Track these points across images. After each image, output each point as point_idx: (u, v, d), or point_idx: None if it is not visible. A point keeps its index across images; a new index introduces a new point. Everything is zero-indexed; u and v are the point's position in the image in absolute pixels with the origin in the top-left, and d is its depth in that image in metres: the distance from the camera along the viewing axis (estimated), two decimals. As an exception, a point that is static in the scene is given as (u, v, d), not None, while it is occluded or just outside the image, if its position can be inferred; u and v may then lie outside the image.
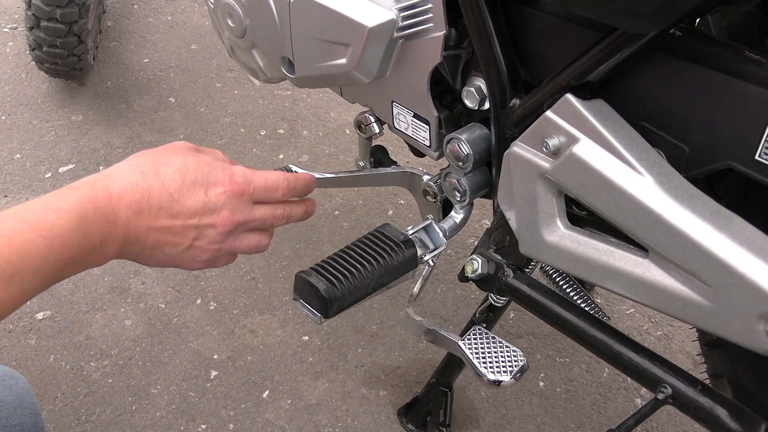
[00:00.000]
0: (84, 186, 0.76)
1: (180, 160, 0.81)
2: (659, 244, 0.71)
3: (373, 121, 1.12)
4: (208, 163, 0.83)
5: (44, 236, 0.70)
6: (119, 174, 0.78)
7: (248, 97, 2.10)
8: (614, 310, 1.60)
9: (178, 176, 0.80)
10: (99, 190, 0.76)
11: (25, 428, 0.97)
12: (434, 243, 0.99)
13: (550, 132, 0.79)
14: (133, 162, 0.81)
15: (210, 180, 0.83)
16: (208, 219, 0.83)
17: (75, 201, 0.74)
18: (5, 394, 0.99)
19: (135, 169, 0.79)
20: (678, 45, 0.73)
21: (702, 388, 0.77)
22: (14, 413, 0.97)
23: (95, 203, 0.75)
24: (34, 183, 1.80)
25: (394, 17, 0.89)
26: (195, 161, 0.82)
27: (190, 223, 0.82)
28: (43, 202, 0.73)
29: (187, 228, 0.82)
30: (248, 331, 1.52)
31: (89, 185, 0.76)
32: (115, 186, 0.77)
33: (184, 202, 0.80)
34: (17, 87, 2.08)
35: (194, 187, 0.81)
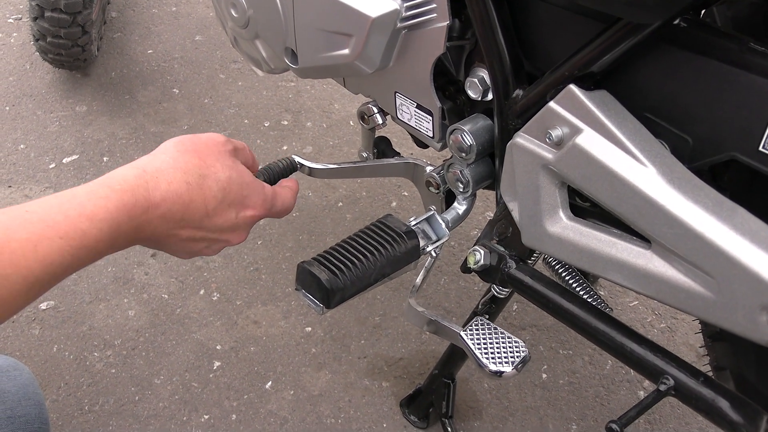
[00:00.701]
0: (127, 190, 0.72)
1: (226, 175, 0.80)
2: (662, 235, 0.71)
3: (377, 112, 1.12)
4: (249, 185, 0.84)
5: (73, 246, 0.67)
6: (165, 179, 0.75)
7: (252, 89, 2.10)
8: (617, 303, 1.60)
9: (221, 195, 0.80)
10: (140, 198, 0.73)
11: (29, 419, 0.98)
12: (437, 234, 0.99)
13: (553, 123, 0.79)
14: (182, 163, 0.78)
15: (246, 203, 0.84)
16: (228, 236, 0.84)
17: (112, 208, 0.71)
18: (9, 385, 0.99)
19: (182, 177, 0.76)
20: (682, 36, 0.73)
21: (704, 380, 0.76)
22: (19, 404, 0.98)
23: (131, 213, 0.72)
24: (38, 173, 1.80)
25: (398, 7, 0.89)
26: (238, 180, 0.82)
27: (212, 236, 0.83)
28: (80, 205, 0.69)
29: (206, 239, 0.82)
30: (251, 322, 1.52)
31: (131, 191, 0.73)
32: (157, 193, 0.74)
33: (215, 221, 0.81)
34: (21, 78, 2.08)
35: (230, 207, 0.82)
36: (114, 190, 0.71)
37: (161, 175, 0.75)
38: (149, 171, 0.75)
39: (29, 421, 0.98)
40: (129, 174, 0.74)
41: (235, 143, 0.87)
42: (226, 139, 0.84)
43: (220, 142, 0.83)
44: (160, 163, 0.76)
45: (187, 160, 0.78)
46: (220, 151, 0.82)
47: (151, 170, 0.75)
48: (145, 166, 0.75)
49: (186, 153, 0.79)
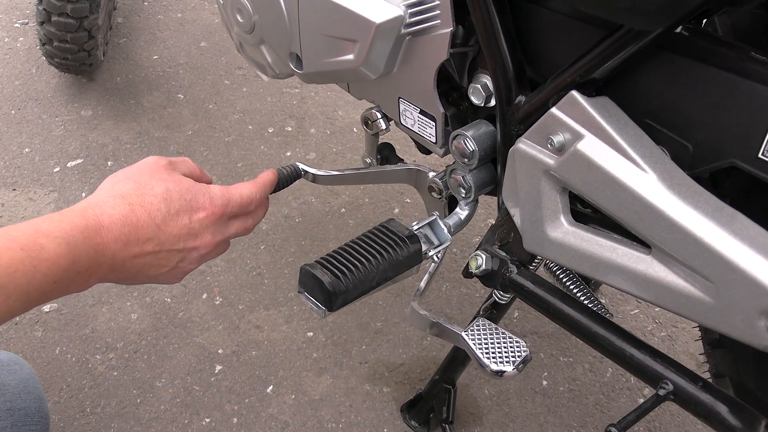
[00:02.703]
0: (75, 213, 0.77)
1: (162, 187, 0.84)
2: (662, 240, 0.72)
3: (380, 118, 1.13)
4: (189, 189, 0.86)
5: (33, 257, 0.71)
6: (108, 205, 0.80)
7: (256, 95, 2.11)
8: (618, 311, 1.61)
9: (164, 206, 0.83)
10: (90, 219, 0.77)
11: (29, 412, 0.98)
12: (439, 239, 0.99)
13: (555, 129, 0.79)
14: (117, 191, 0.82)
15: (193, 206, 0.86)
16: (192, 243, 0.86)
17: (66, 227, 0.75)
18: (10, 378, 1.00)
19: (122, 201, 0.81)
20: (683, 43, 0.74)
21: (703, 385, 0.77)
22: (18, 397, 0.98)
23: (85, 232, 0.76)
24: (42, 177, 1.81)
25: (402, 13, 0.90)
26: (177, 188, 0.85)
27: (175, 248, 0.85)
28: (34, 225, 0.74)
29: (172, 253, 0.84)
30: (253, 327, 1.52)
31: (80, 213, 0.77)
32: (105, 217, 0.78)
33: (170, 231, 0.83)
34: (27, 82, 2.10)
35: (179, 215, 0.84)
36: (64, 214, 0.76)
37: (104, 204, 0.80)
38: (92, 203, 0.80)
39: (29, 414, 0.99)
40: (75, 207, 0.79)
41: (172, 159, 0.90)
42: (158, 157, 0.88)
43: (152, 161, 0.87)
44: (101, 195, 0.81)
45: (123, 186, 0.82)
46: (153, 170, 0.85)
47: (94, 202, 0.80)
48: (87, 200, 0.80)
49: (120, 182, 0.83)
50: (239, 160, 1.89)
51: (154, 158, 0.88)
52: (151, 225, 0.81)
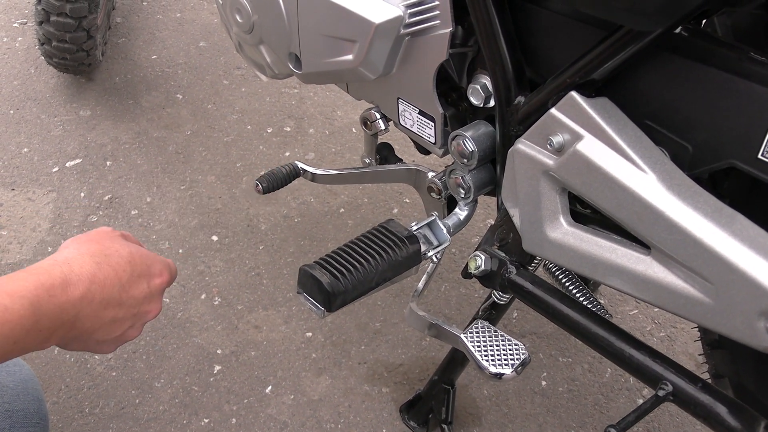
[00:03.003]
0: (42, 272, 0.77)
1: (127, 250, 0.86)
2: (661, 241, 0.72)
3: (379, 118, 1.13)
4: (148, 255, 0.89)
5: None
6: (76, 262, 0.80)
7: (255, 95, 2.11)
8: (617, 311, 1.60)
9: (128, 267, 0.84)
10: (56, 278, 0.77)
11: (28, 414, 0.98)
12: (438, 239, 0.99)
13: (554, 129, 0.79)
14: (84, 249, 0.83)
15: (151, 272, 0.88)
16: (147, 307, 0.88)
17: (31, 287, 0.74)
18: (8, 380, 0.99)
19: (90, 259, 0.81)
20: (683, 44, 0.74)
21: (702, 386, 0.77)
22: (17, 398, 0.98)
23: (51, 291, 0.76)
24: (41, 177, 1.81)
25: (401, 14, 0.90)
26: (139, 252, 0.87)
27: (133, 311, 0.86)
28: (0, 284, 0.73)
29: (128, 316, 0.86)
30: (252, 327, 1.52)
31: (47, 272, 0.77)
32: (73, 275, 0.79)
33: (131, 293, 0.85)
34: (26, 82, 2.09)
35: (140, 278, 0.86)
36: (31, 274, 0.76)
37: (72, 261, 0.80)
38: (60, 260, 0.80)
39: (27, 416, 0.98)
40: (43, 263, 0.79)
41: (121, 232, 0.92)
42: (111, 228, 0.90)
43: (109, 230, 0.89)
44: (67, 253, 0.82)
45: (89, 246, 0.84)
46: (112, 236, 0.88)
47: (62, 259, 0.80)
48: (55, 257, 0.81)
49: (85, 243, 0.85)
50: (238, 160, 1.89)
51: (109, 228, 0.90)
52: (116, 285, 0.82)
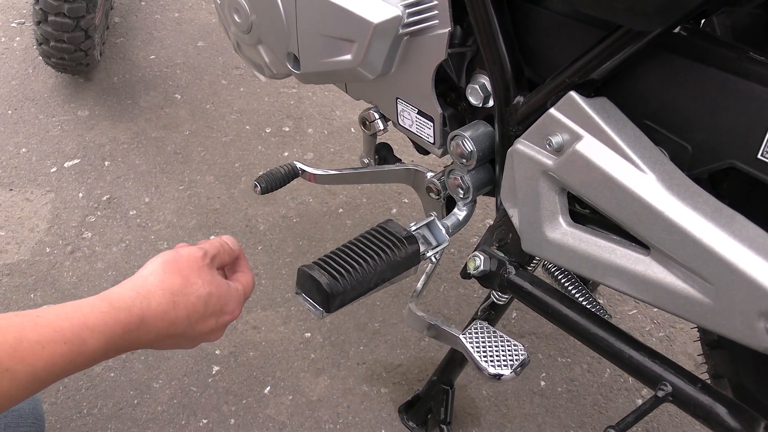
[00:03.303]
0: (123, 309, 0.81)
1: (207, 290, 0.90)
2: (661, 241, 0.72)
3: (378, 118, 1.13)
4: (225, 294, 0.92)
5: (73, 351, 0.76)
6: (155, 299, 0.84)
7: (254, 95, 2.11)
8: (616, 311, 1.60)
9: (202, 308, 0.89)
10: (134, 316, 0.82)
11: (23, 414, 0.98)
12: (437, 239, 0.99)
13: (553, 129, 0.79)
14: (168, 284, 0.87)
15: (224, 310, 0.92)
16: (208, 337, 0.92)
17: (111, 323, 0.79)
18: None
19: (169, 297, 0.86)
20: (682, 44, 0.73)
21: (702, 386, 0.77)
22: None
23: (126, 328, 0.81)
24: (39, 177, 1.81)
25: (400, 14, 0.90)
26: (217, 293, 0.91)
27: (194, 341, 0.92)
28: (83, 316, 0.78)
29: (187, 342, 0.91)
30: (251, 327, 1.52)
31: (128, 310, 0.82)
32: (149, 313, 0.83)
33: (198, 328, 0.89)
34: (24, 82, 2.09)
35: (210, 317, 0.90)
36: (113, 307, 0.81)
37: (152, 297, 0.84)
38: (142, 293, 0.84)
39: (22, 415, 0.98)
40: (126, 294, 0.83)
41: (211, 253, 0.94)
42: (203, 253, 0.92)
43: (198, 258, 0.91)
44: (150, 285, 0.86)
45: (173, 280, 0.87)
46: (200, 267, 0.91)
47: (144, 292, 0.84)
48: (138, 288, 0.85)
49: (171, 274, 0.88)
50: (237, 161, 1.89)
51: (200, 253, 0.92)
52: (186, 323, 0.87)
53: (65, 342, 0.75)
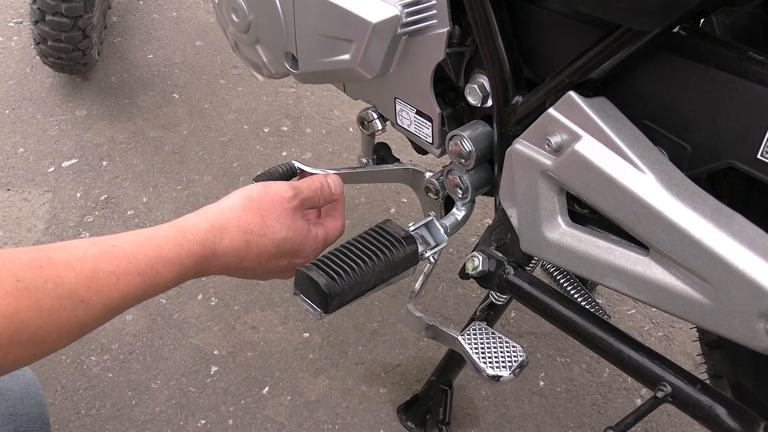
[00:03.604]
0: (197, 241, 0.83)
1: (282, 235, 0.90)
2: (660, 241, 0.71)
3: (376, 118, 1.12)
4: (302, 241, 0.93)
5: (147, 282, 0.78)
6: (228, 235, 0.86)
7: (252, 94, 2.11)
8: (615, 311, 1.60)
9: (274, 250, 0.90)
10: (207, 249, 0.84)
11: (31, 418, 0.98)
12: (435, 240, 0.99)
13: (552, 129, 0.79)
14: (244, 221, 0.88)
15: (297, 254, 0.93)
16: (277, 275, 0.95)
17: (184, 255, 0.82)
18: (12, 384, 1.00)
19: (243, 235, 0.87)
20: (681, 44, 0.73)
21: (701, 387, 0.77)
22: (21, 403, 0.98)
23: (198, 261, 0.83)
24: (37, 177, 1.80)
25: (398, 13, 0.89)
26: (293, 238, 0.91)
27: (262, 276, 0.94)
28: (157, 248, 0.80)
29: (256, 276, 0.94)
30: (249, 327, 1.52)
31: (202, 243, 0.83)
32: (220, 248, 0.85)
33: (267, 267, 0.91)
34: (22, 81, 2.09)
35: (282, 258, 0.92)
36: (187, 240, 0.83)
37: (225, 233, 0.86)
38: (216, 226, 0.86)
39: (31, 420, 0.98)
40: (201, 226, 0.85)
41: (303, 194, 0.95)
42: (293, 194, 0.93)
43: (285, 199, 0.91)
44: (226, 220, 0.87)
45: (250, 218, 0.88)
46: (284, 209, 0.91)
47: (219, 226, 0.86)
48: (214, 221, 0.86)
49: (250, 211, 0.89)
50: (235, 160, 1.89)
51: (289, 193, 0.92)
52: (255, 261, 0.89)
53: (139, 274, 0.77)
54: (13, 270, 0.69)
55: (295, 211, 0.92)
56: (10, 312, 0.66)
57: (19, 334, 0.67)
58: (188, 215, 0.87)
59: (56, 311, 0.70)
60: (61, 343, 0.73)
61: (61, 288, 0.71)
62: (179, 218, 0.86)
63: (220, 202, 0.90)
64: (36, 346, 0.70)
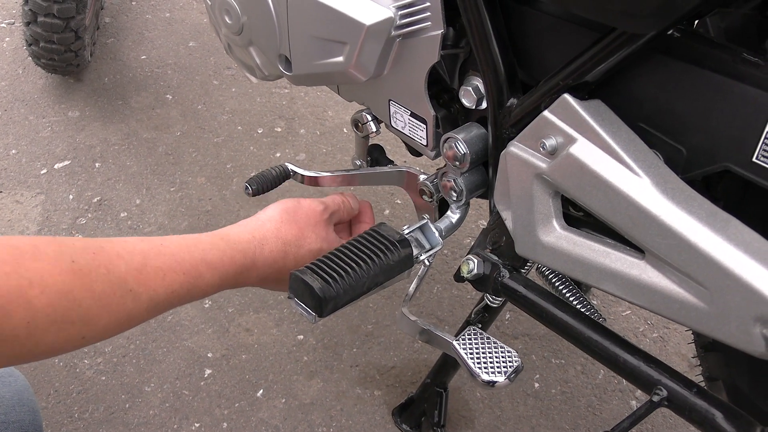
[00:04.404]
0: (239, 251, 0.87)
1: (317, 246, 0.95)
2: (655, 245, 0.71)
3: (370, 120, 1.12)
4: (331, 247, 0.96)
5: (190, 283, 0.81)
6: (268, 246, 0.90)
7: (246, 95, 2.10)
8: (610, 312, 1.60)
9: (309, 259, 0.92)
10: (248, 260, 0.87)
11: (23, 425, 0.98)
12: (430, 243, 0.99)
13: (547, 132, 0.78)
14: (283, 233, 0.92)
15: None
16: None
17: (227, 263, 0.85)
18: (4, 390, 0.99)
19: (282, 246, 0.91)
20: (676, 46, 0.73)
21: (697, 391, 0.76)
22: (13, 410, 0.98)
23: (239, 269, 0.86)
24: (29, 179, 1.79)
25: (392, 15, 0.89)
26: (328, 248, 0.94)
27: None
28: (202, 252, 0.83)
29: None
30: (243, 330, 1.51)
31: (243, 252, 0.87)
32: (261, 259, 0.89)
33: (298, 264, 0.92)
34: (14, 82, 2.08)
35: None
36: (230, 247, 0.86)
37: (266, 243, 0.90)
38: (257, 237, 0.90)
39: (23, 426, 0.98)
40: (243, 236, 0.89)
41: (331, 208, 1.00)
42: (323, 208, 0.98)
43: (318, 212, 0.97)
44: (266, 231, 0.91)
45: (288, 230, 0.93)
46: (318, 221, 0.96)
47: (259, 237, 0.90)
48: (255, 232, 0.90)
49: (288, 223, 0.93)
50: (228, 162, 1.88)
51: (320, 207, 0.97)
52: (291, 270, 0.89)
53: (184, 273, 0.80)
54: (69, 252, 0.71)
55: (327, 223, 0.98)
56: (65, 289, 0.68)
57: (72, 313, 0.69)
58: (228, 227, 0.91)
59: (107, 295, 0.72)
60: (109, 332, 0.75)
61: (112, 275, 0.73)
62: (220, 229, 0.90)
63: (258, 215, 0.94)
64: (86, 327, 0.71)
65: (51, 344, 0.69)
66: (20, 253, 0.67)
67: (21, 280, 0.65)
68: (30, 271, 0.66)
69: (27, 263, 0.67)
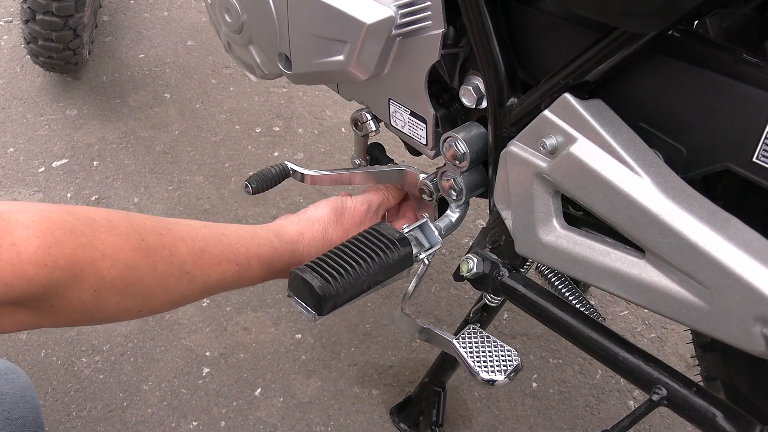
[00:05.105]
0: (288, 251, 0.93)
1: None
2: (656, 244, 0.71)
3: (370, 119, 1.12)
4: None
5: (240, 273, 0.87)
6: (315, 249, 0.96)
7: (244, 94, 2.10)
8: (608, 312, 1.60)
9: None
10: (296, 260, 0.93)
11: (26, 421, 0.98)
12: (429, 242, 0.99)
13: (547, 131, 0.79)
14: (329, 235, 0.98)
15: None
16: None
17: (276, 258, 0.91)
18: (7, 387, 0.99)
19: (324, 248, 0.96)
20: (677, 46, 0.73)
21: (697, 390, 0.76)
22: (16, 406, 0.98)
23: (285, 266, 0.92)
24: (27, 177, 1.79)
25: (393, 14, 0.89)
26: None
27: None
28: (257, 246, 0.89)
29: None
30: (241, 329, 1.51)
31: (292, 251, 0.93)
32: (305, 257, 0.94)
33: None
34: (12, 80, 2.07)
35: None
36: (283, 246, 0.92)
37: (313, 245, 0.96)
38: (306, 238, 0.96)
39: (26, 423, 0.98)
40: (294, 236, 0.95)
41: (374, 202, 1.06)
42: (367, 207, 1.04)
43: (362, 212, 1.03)
44: (315, 232, 0.97)
45: (334, 231, 0.99)
46: (362, 221, 1.02)
47: (308, 238, 0.96)
48: (305, 232, 0.96)
49: (335, 224, 0.99)
50: (226, 160, 1.88)
51: (364, 207, 1.03)
52: None
53: (237, 264, 0.85)
54: (140, 230, 0.76)
55: (373, 219, 1.03)
56: (132, 264, 0.74)
57: (135, 287, 0.75)
58: (282, 221, 0.97)
59: (167, 276, 0.78)
60: (162, 308, 0.81)
61: (174, 257, 0.79)
62: (275, 222, 0.96)
63: (308, 212, 0.99)
64: (144, 302, 0.77)
65: (111, 312, 0.75)
66: (97, 226, 0.72)
67: (95, 251, 0.70)
68: (104, 245, 0.71)
69: (102, 236, 0.72)
